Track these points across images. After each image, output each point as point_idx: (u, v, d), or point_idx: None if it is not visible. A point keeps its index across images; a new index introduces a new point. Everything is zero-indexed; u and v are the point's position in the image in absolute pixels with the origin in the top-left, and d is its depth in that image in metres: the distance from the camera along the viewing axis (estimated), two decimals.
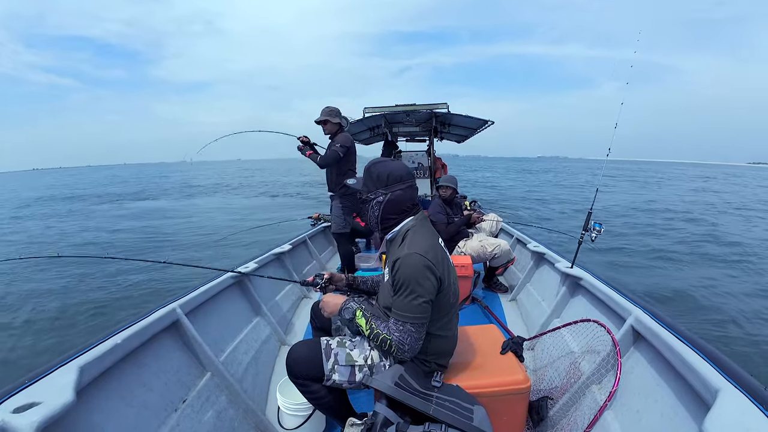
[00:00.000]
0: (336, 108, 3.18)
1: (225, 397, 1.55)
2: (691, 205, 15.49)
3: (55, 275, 5.81)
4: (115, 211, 14.39)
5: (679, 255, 7.18)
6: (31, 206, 17.56)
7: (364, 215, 1.37)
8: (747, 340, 3.73)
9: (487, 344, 1.55)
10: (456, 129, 6.34)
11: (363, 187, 1.34)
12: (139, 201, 18.19)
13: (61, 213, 14.55)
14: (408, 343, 1.18)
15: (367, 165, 1.35)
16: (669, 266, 6.48)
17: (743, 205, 15.95)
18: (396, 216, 1.31)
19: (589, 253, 5.74)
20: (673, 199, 17.69)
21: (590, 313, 1.89)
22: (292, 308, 2.80)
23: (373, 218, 1.33)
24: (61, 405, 0.87)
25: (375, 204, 1.30)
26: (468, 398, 1.19)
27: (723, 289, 5.27)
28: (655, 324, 1.35)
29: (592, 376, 1.49)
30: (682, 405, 1.11)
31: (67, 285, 5.42)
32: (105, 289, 5.22)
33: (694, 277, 5.80)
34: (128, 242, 8.63)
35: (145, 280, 5.48)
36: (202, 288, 1.79)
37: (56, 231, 10.50)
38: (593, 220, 2.09)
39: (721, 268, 6.36)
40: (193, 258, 6.89)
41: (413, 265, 1.16)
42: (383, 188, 1.29)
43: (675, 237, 8.87)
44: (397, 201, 1.29)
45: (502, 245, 3.07)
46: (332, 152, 3.09)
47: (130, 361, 1.25)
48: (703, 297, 4.92)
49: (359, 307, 1.30)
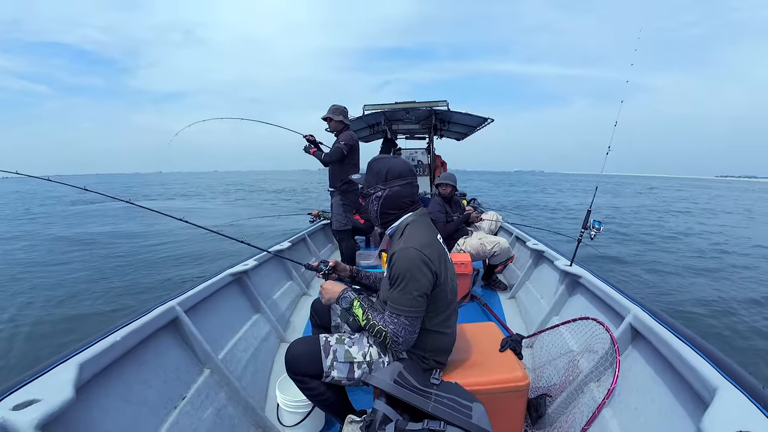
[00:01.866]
0: (343, 107, 3.22)
1: (224, 395, 1.55)
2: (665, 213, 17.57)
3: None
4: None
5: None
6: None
7: (364, 210, 1.41)
8: (747, 339, 3.75)
9: (486, 342, 1.56)
10: (455, 126, 6.33)
11: (364, 182, 1.38)
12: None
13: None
14: (402, 336, 1.19)
15: (370, 162, 1.39)
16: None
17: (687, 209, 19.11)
18: (395, 211, 1.33)
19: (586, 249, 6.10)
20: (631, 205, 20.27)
21: (589, 311, 1.90)
22: (292, 305, 2.81)
23: (372, 213, 1.36)
24: (61, 402, 0.87)
25: (374, 199, 1.33)
26: (467, 395, 1.19)
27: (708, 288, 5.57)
28: (653, 322, 1.35)
29: (591, 373, 1.50)
30: (680, 403, 1.11)
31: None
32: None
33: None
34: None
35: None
36: (202, 285, 1.79)
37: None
38: (592, 219, 2.09)
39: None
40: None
41: (409, 259, 1.17)
42: (382, 183, 1.31)
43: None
44: (395, 197, 1.31)
45: (501, 243, 3.08)
46: (336, 149, 3.13)
47: (130, 358, 1.25)
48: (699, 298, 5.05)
49: (357, 297, 1.32)
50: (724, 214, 17.57)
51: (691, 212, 17.98)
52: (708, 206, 22.19)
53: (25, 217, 14.18)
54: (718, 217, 16.56)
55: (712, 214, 17.40)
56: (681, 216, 16.13)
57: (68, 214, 14.75)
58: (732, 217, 16.72)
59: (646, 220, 14.15)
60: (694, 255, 8.00)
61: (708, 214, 17.63)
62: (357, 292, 1.37)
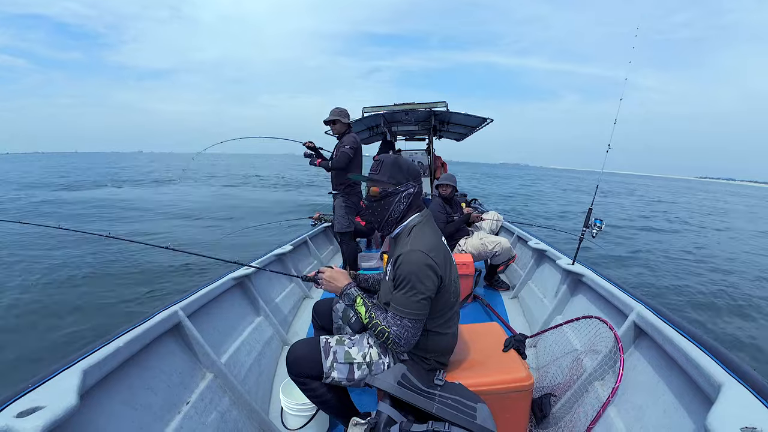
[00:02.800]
0: (345, 109, 3.21)
1: (228, 399, 1.55)
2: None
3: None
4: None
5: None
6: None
7: (375, 211, 1.34)
8: (748, 336, 3.74)
9: (489, 342, 1.55)
10: (455, 127, 6.33)
11: (390, 179, 1.30)
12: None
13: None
14: (405, 338, 1.18)
15: (389, 159, 1.34)
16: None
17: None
18: (416, 209, 1.34)
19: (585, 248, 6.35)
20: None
21: (592, 309, 1.90)
22: (294, 308, 2.80)
23: (396, 212, 1.31)
24: (65, 409, 0.87)
25: (405, 196, 1.30)
26: (471, 396, 1.19)
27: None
28: (657, 320, 1.35)
29: (595, 372, 1.49)
30: (685, 400, 1.11)
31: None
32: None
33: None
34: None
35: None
36: (204, 290, 1.79)
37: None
38: (594, 217, 2.08)
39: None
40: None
41: (416, 262, 1.16)
42: (413, 180, 1.32)
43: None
44: (420, 194, 1.34)
45: (502, 243, 3.07)
46: (343, 154, 3.10)
47: (133, 364, 1.25)
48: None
49: (360, 294, 1.30)
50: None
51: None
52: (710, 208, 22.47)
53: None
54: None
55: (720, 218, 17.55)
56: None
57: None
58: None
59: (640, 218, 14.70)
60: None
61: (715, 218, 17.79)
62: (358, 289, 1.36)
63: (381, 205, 1.31)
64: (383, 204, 1.31)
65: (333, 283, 1.36)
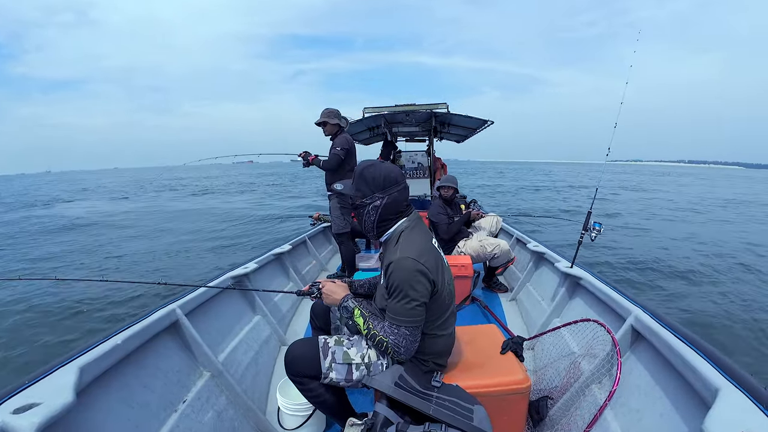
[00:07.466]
0: (335, 109, 3.20)
1: (225, 398, 1.55)
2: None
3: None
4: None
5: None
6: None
7: (359, 220, 1.34)
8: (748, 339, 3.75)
9: (487, 344, 1.55)
10: (455, 129, 6.33)
11: (356, 192, 1.29)
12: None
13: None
14: (404, 346, 1.18)
15: (358, 169, 1.30)
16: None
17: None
18: (393, 218, 1.29)
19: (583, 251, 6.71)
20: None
21: (590, 312, 1.90)
22: (292, 308, 2.80)
23: (369, 223, 1.30)
24: (61, 406, 0.87)
25: (371, 209, 1.27)
26: (468, 398, 1.19)
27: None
28: (654, 323, 1.35)
29: (592, 375, 1.49)
30: (682, 404, 1.11)
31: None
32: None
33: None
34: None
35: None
36: (202, 288, 1.79)
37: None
38: (593, 220, 2.09)
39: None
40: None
41: (407, 269, 1.15)
42: (380, 192, 1.26)
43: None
44: (393, 203, 1.27)
45: (501, 245, 3.07)
46: (334, 156, 3.10)
47: (130, 361, 1.25)
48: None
49: (357, 305, 1.30)
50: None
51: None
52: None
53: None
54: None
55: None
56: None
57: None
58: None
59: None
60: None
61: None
62: (356, 299, 1.36)
63: (358, 214, 1.32)
64: (359, 214, 1.31)
65: (332, 296, 1.38)
